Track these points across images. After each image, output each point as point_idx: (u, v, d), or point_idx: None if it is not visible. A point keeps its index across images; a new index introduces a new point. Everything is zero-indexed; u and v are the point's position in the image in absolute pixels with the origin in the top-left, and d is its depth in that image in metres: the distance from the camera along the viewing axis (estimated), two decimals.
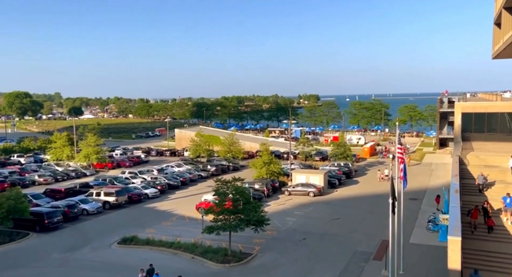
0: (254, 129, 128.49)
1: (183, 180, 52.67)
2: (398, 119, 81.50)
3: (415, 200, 40.47)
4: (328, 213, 38.21)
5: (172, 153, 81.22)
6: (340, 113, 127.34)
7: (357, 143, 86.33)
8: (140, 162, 70.64)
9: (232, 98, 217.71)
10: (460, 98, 63.21)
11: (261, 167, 50.50)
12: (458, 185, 24.95)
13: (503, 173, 30.80)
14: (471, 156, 34.85)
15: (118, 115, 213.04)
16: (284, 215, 37.53)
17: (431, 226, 31.78)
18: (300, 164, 60.32)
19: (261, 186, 45.27)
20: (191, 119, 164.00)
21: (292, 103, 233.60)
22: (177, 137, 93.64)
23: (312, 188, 45.07)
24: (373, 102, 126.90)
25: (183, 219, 37.63)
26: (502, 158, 33.06)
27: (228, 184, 28.54)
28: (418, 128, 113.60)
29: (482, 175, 28.44)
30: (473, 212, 22.14)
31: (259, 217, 27.80)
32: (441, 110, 72.02)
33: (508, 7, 25.50)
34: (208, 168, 59.52)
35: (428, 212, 35.70)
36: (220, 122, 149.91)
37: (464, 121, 43.85)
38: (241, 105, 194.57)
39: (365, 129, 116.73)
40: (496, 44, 31.78)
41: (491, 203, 24.46)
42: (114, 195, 41.98)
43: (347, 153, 63.91)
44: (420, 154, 71.78)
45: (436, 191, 41.53)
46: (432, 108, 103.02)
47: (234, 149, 68.55)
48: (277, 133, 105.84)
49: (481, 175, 28.40)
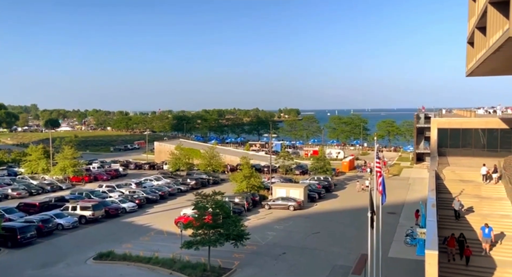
0: (234, 142, 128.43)
1: (162, 194, 52.01)
2: (376, 133, 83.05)
3: (393, 214, 40.98)
4: (308, 227, 38.27)
5: (151, 167, 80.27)
6: (320, 127, 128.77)
7: (337, 157, 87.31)
8: (118, 175, 69.55)
9: (213, 111, 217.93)
10: (436, 114, 64.83)
11: (241, 181, 50.37)
12: (434, 199, 25.42)
13: (477, 188, 31.56)
14: (447, 171, 35.61)
15: (96, 128, 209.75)
16: (264, 229, 37.38)
17: (409, 240, 32.18)
18: (280, 178, 60.50)
19: (241, 200, 45.07)
20: (171, 132, 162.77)
21: (272, 117, 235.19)
22: (156, 150, 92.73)
23: (292, 202, 45.14)
24: (352, 117, 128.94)
25: (161, 233, 37.04)
26: (477, 173, 33.93)
27: (208, 198, 28.31)
28: (395, 142, 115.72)
29: (458, 201, 26.79)
30: (449, 240, 21.14)
31: (239, 231, 27.62)
32: (418, 125, 73.68)
33: (480, 26, 26.50)
34: (188, 182, 59.00)
35: (406, 226, 36.16)
36: (200, 135, 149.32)
37: (440, 136, 44.90)
38: (222, 118, 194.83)
39: (344, 144, 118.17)
40: (469, 62, 32.84)
41: (469, 231, 23.96)
42: (91, 209, 41.06)
43: (326, 167, 64.50)
44: (398, 168, 73.00)
45: (414, 205, 42.17)
46: (409, 123, 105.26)
47: (214, 163, 68.27)
48: (257, 147, 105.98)
49: (458, 201, 26.69)
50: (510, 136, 41.86)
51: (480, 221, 25.30)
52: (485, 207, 27.93)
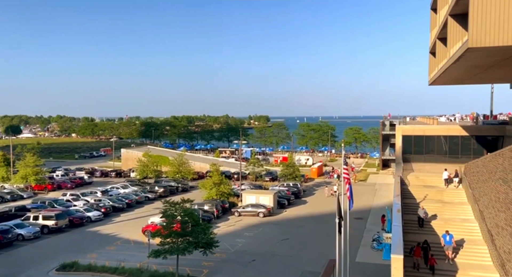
0: (204, 149, 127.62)
1: (129, 202, 50.88)
2: (344, 140, 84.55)
3: (360, 219, 41.74)
4: (278, 234, 38.38)
5: (118, 174, 78.51)
6: (289, 134, 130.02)
7: (306, 163, 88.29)
8: (83, 183, 67.62)
9: (182, 117, 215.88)
10: (400, 122, 66.70)
11: (211, 188, 50.01)
12: (400, 204, 26.06)
13: (440, 193, 32.64)
14: (412, 176, 36.67)
15: (60, 134, 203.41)
16: (233, 237, 37.20)
17: (375, 245, 32.82)
18: (250, 185, 60.49)
19: (211, 207, 44.72)
20: (139, 139, 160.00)
21: (242, 124, 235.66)
22: (123, 157, 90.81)
23: (262, 208, 45.19)
24: (320, 124, 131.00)
25: (128, 243, 36.18)
26: (439, 179, 35.14)
27: (176, 205, 27.92)
28: (362, 149, 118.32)
29: (423, 209, 26.82)
30: (415, 250, 21.10)
31: (208, 239, 27.34)
32: (383, 132, 75.55)
33: (441, 37, 27.62)
34: (156, 189, 58.01)
35: (372, 231, 36.89)
36: (169, 142, 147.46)
37: (405, 143, 46.24)
38: (191, 125, 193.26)
39: (313, 150, 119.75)
40: (432, 72, 34.11)
41: (432, 236, 24.49)
42: (54, 218, 39.63)
43: (296, 174, 65.09)
44: (365, 174, 74.54)
45: (380, 210, 43.13)
46: (375, 130, 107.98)
47: (184, 170, 67.53)
48: (227, 154, 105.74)
49: (422, 209, 26.72)
50: (470, 143, 43.65)
51: (443, 226, 26.14)
52: (447, 212, 28.91)
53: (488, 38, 16.70)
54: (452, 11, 21.78)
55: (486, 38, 16.71)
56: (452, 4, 21.16)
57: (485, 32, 16.69)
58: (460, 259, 22.10)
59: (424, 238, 22.89)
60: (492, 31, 16.61)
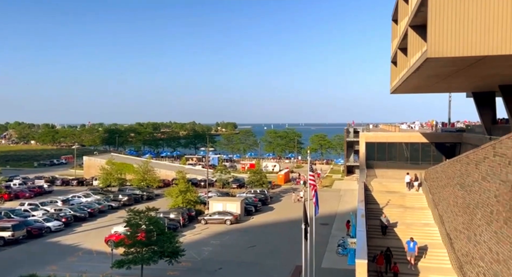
0: (170, 156, 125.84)
1: (91, 211, 49.33)
2: (310, 147, 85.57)
3: (326, 225, 42.28)
4: (245, 241, 38.24)
5: (80, 182, 75.97)
6: (256, 141, 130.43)
7: (273, 170, 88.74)
8: (43, 192, 64.94)
9: (148, 124, 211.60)
10: (364, 129, 68.41)
11: (177, 196, 49.27)
12: (364, 210, 26.63)
13: (402, 198, 33.63)
14: (375, 182, 37.61)
15: (18, 142, 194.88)
16: (200, 245, 36.77)
17: (340, 250, 33.29)
18: (217, 192, 60.08)
19: (177, 216, 44.05)
20: (102, 146, 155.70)
21: (209, 131, 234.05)
22: (85, 165, 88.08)
23: (229, 216, 44.94)
24: (287, 131, 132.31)
25: (90, 253, 35.00)
26: (401, 184, 36.25)
27: (141, 214, 27.36)
28: (328, 156, 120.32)
29: (385, 217, 27.22)
30: (378, 258, 21.50)
31: (174, 248, 26.91)
32: (347, 139, 77.23)
33: (402, 47, 28.62)
34: (120, 198, 56.55)
35: (338, 237, 37.42)
36: (134, 149, 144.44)
37: (368, 150, 47.42)
38: (157, 131, 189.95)
39: (280, 157, 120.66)
40: (393, 80, 35.25)
41: (395, 240, 25.31)
42: (10, 229, 37.79)
43: (263, 180, 65.30)
44: (330, 180, 75.74)
45: (345, 216, 43.86)
46: (340, 137, 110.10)
47: (149, 178, 66.28)
48: (194, 161, 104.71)
49: (384, 217, 27.09)
50: (429, 150, 45.31)
51: (405, 230, 26.90)
52: (409, 217, 29.80)
53: (446, 49, 17.45)
54: (412, 23, 22.64)
55: (444, 48, 17.45)
56: (412, 16, 22.00)
57: (442, 43, 17.43)
58: (421, 262, 22.77)
59: (387, 245, 23.47)
60: (449, 42, 17.37)
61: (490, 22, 16.67)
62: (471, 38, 16.98)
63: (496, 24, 16.60)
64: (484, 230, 15.85)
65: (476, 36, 16.92)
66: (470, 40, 17.01)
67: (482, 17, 16.73)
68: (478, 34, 16.88)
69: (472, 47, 17.04)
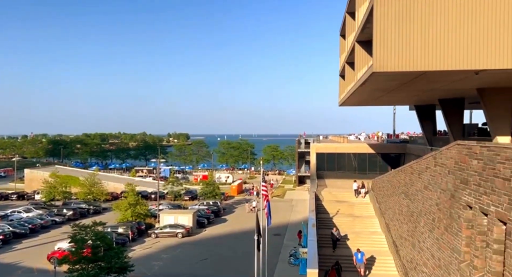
0: (119, 168, 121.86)
1: (33, 226, 46.44)
2: (263, 158, 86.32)
3: (278, 236, 42.54)
4: (197, 254, 37.57)
5: (20, 197, 71.38)
6: (209, 152, 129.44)
7: (226, 181, 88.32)
8: None
9: (95, 135, 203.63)
10: (314, 140, 70.04)
11: (126, 209, 47.63)
12: (314, 219, 27.11)
13: (351, 207, 34.61)
14: (325, 192, 38.46)
15: None
16: (150, 259, 35.66)
17: (292, 260, 33.57)
18: (168, 205, 58.78)
19: (126, 230, 42.53)
20: (46, 158, 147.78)
21: (161, 142, 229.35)
22: (27, 178, 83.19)
23: (181, 229, 44.05)
24: (240, 142, 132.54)
25: (31, 272, 32.90)
26: (350, 194, 37.35)
27: (87, 229, 26.17)
28: (280, 166, 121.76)
29: (336, 230, 27.25)
30: (330, 273, 21.76)
31: (122, 263, 25.92)
32: (299, 150, 78.67)
33: (349, 62, 29.72)
34: (64, 212, 53.80)
35: (290, 247, 37.75)
36: (80, 162, 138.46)
37: (319, 160, 48.54)
38: (105, 142, 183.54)
39: (233, 168, 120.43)
40: (342, 93, 36.43)
41: (345, 249, 26.05)
42: None
43: (216, 192, 64.79)
44: (282, 190, 76.53)
45: (297, 226, 44.36)
46: (292, 148, 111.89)
47: (96, 190, 63.66)
48: (144, 173, 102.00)
49: (336, 231, 27.15)
50: (376, 160, 47.12)
51: (354, 239, 27.66)
52: (358, 225, 30.69)
53: (390, 64, 18.31)
54: (359, 38, 23.61)
55: (388, 64, 18.30)
56: (358, 32, 22.96)
57: (387, 59, 18.28)
58: (369, 270, 23.45)
59: (339, 255, 24.02)
60: (393, 58, 18.25)
61: (431, 40, 17.73)
62: (413, 54, 17.95)
63: (436, 42, 17.69)
64: (427, 237, 16.62)
65: (417, 53, 17.92)
66: (412, 56, 17.98)
67: (423, 35, 17.77)
68: (419, 51, 17.89)
69: (414, 63, 18.01)
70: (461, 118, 31.35)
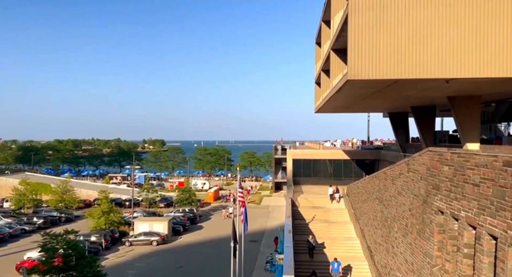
0: (92, 175, 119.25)
1: (1, 236, 44.83)
2: (239, 164, 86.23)
3: (255, 242, 42.42)
4: (172, 262, 37.04)
5: None
6: (185, 158, 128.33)
7: (202, 188, 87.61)
8: None
9: (68, 141, 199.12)
10: (291, 146, 70.49)
11: (99, 217, 46.59)
12: (291, 226, 27.19)
13: (326, 213, 34.90)
14: (301, 198, 38.69)
15: None
16: (124, 268, 34.94)
17: (268, 267, 33.48)
18: (143, 212, 57.80)
19: (99, 238, 41.59)
20: (15, 164, 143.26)
21: (136, 148, 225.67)
22: None
23: (156, 236, 43.37)
24: (217, 148, 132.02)
25: None
26: (326, 200, 37.69)
27: (58, 238, 25.46)
28: (257, 172, 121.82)
29: (312, 238, 27.05)
30: None
31: (95, 272, 25.29)
32: (276, 156, 78.92)
33: (325, 69, 30.17)
34: (34, 221, 52.14)
35: (266, 253, 37.67)
36: (52, 168, 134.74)
37: (295, 166, 48.89)
38: (78, 149, 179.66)
39: (210, 174, 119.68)
40: (317, 100, 36.90)
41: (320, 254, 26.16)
42: None
43: (192, 199, 64.14)
44: (259, 197, 76.50)
45: (273, 232, 44.34)
46: (269, 154, 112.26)
47: (68, 198, 62.04)
48: (118, 179, 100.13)
49: (312, 238, 26.96)
50: (351, 166, 47.82)
51: (330, 244, 27.85)
52: (333, 231, 30.95)
53: (364, 72, 18.68)
54: (334, 46, 24.01)
55: (362, 71, 18.67)
56: (333, 40, 23.35)
57: (361, 67, 18.65)
58: (344, 276, 23.65)
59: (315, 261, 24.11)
60: (367, 66, 18.64)
61: (403, 49, 18.21)
62: (386, 62, 18.39)
63: (408, 51, 18.18)
64: (400, 242, 16.92)
65: (390, 61, 18.36)
66: (385, 64, 18.41)
67: (395, 44, 18.23)
68: (392, 60, 18.34)
69: (386, 71, 18.44)
70: (432, 125, 32.24)
